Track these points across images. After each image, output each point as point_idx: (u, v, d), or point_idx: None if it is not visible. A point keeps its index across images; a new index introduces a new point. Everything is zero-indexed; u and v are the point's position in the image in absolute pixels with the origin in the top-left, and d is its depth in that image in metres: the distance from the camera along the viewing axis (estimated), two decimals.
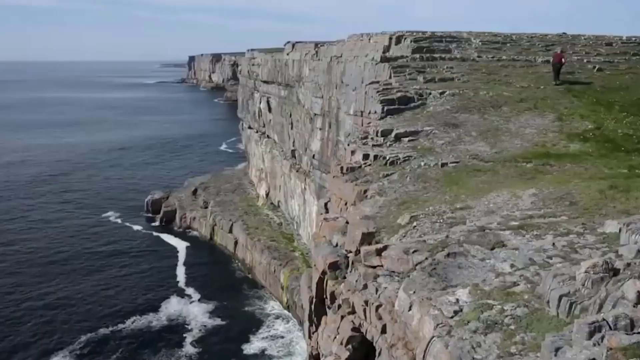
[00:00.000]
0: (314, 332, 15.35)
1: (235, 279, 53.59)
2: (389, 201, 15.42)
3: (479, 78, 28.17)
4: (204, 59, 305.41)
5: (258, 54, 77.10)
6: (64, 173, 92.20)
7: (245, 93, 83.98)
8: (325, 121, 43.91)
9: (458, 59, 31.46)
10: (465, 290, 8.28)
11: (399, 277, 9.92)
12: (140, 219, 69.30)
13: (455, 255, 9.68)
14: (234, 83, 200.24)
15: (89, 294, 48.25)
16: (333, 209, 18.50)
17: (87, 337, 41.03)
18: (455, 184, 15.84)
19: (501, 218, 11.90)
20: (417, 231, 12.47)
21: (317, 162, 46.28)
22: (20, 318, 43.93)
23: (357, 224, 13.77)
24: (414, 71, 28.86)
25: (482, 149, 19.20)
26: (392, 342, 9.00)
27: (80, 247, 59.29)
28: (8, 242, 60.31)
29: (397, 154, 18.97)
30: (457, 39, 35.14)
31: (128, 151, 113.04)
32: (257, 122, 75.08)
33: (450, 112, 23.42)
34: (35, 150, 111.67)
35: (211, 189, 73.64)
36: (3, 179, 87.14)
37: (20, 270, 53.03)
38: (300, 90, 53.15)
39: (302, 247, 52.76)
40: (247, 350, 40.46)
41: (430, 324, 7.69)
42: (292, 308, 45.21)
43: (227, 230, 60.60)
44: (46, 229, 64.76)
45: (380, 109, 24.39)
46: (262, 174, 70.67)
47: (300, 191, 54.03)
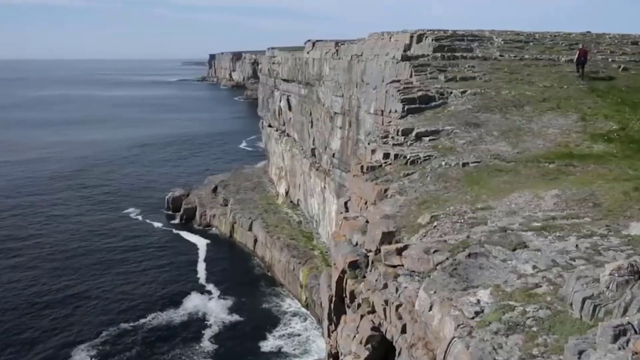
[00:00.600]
0: (333, 330, 15.36)
1: (255, 277, 53.88)
2: (410, 200, 15.35)
3: (500, 77, 27.90)
4: (224, 57, 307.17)
5: (278, 52, 77.29)
6: (84, 170, 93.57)
7: (265, 91, 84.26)
8: (346, 120, 43.89)
9: (480, 58, 31.19)
10: (486, 291, 8.22)
11: (420, 276, 9.88)
12: (161, 216, 70.00)
13: (477, 256, 9.61)
14: (254, 81, 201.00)
15: (109, 289, 48.96)
16: (353, 208, 18.48)
17: (109, 331, 41.67)
18: (476, 184, 15.71)
19: (523, 219, 11.79)
20: (438, 231, 12.40)
21: (337, 160, 46.28)
22: (41, 311, 44.79)
23: (377, 223, 13.74)
24: (435, 70, 28.69)
25: (503, 148, 19.02)
26: (412, 342, 8.98)
27: (101, 243, 60.14)
28: (29, 236, 61.58)
29: (417, 153, 18.87)
30: (478, 37, 34.86)
31: (149, 148, 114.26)
32: (277, 121, 75.29)
33: (471, 111, 23.22)
34: (57, 147, 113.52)
35: (231, 187, 74.09)
36: (25, 175, 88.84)
37: (41, 264, 54.09)
38: (320, 89, 53.17)
39: (322, 246, 52.83)
40: (264, 348, 40.68)
41: (451, 325, 7.66)
42: (310, 306, 45.31)
43: (246, 228, 60.92)
44: (66, 224, 65.86)
45: (401, 107, 24.29)
46: (282, 172, 70.87)
47: (319, 190, 54.09)
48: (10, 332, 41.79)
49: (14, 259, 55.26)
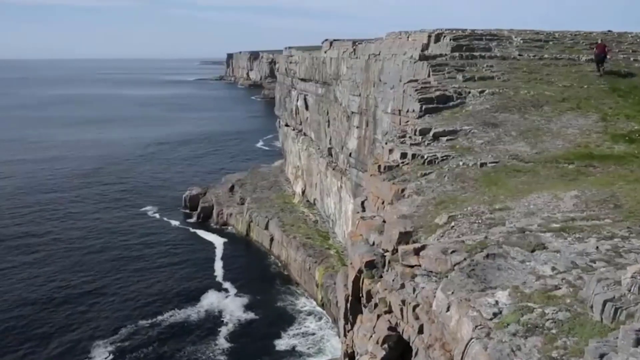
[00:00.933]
0: (349, 330, 15.36)
1: (270, 275, 54.07)
2: (427, 201, 15.29)
3: (519, 77, 27.63)
4: (242, 57, 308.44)
5: (296, 51, 77.40)
6: (103, 168, 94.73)
7: (282, 91, 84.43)
8: (363, 119, 43.82)
9: (498, 58, 30.92)
10: (504, 292, 8.16)
11: (437, 277, 9.84)
12: (178, 214, 70.52)
13: (495, 257, 9.55)
14: (271, 81, 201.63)
15: (126, 285, 49.52)
16: (370, 207, 18.45)
17: (127, 328, 42.13)
18: (494, 185, 15.60)
19: (542, 220, 11.68)
20: (455, 231, 12.34)
21: (354, 160, 46.23)
22: (59, 307, 45.48)
23: (394, 223, 13.70)
24: (453, 70, 28.49)
25: (522, 149, 18.85)
26: (429, 342, 8.95)
27: (118, 240, 60.83)
28: (47, 233, 62.72)
29: (435, 153, 18.78)
30: (497, 37, 34.55)
31: (166, 147, 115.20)
32: (294, 120, 75.41)
33: (489, 111, 23.05)
34: (76, 145, 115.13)
35: (248, 186, 74.38)
36: (44, 173, 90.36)
37: (59, 260, 54.99)
38: (337, 88, 53.14)
39: (338, 245, 52.82)
40: (279, 346, 40.82)
41: (469, 326, 7.61)
42: (326, 306, 45.32)
43: (263, 226, 61.12)
44: (85, 221, 66.82)
45: (419, 107, 24.19)
46: (299, 171, 70.97)
47: (336, 189, 54.07)
48: (29, 326, 42.46)
49: (33, 255, 56.18)
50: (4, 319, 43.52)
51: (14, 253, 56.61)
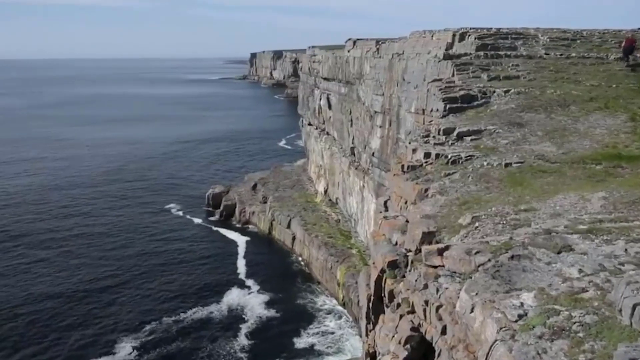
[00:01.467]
0: (371, 330, 15.31)
1: (292, 273, 54.21)
2: (450, 201, 15.17)
3: (545, 76, 27.25)
4: (265, 56, 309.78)
5: (319, 51, 77.45)
6: (128, 165, 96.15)
7: (305, 90, 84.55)
8: (386, 119, 43.64)
9: (524, 57, 30.52)
10: (530, 294, 8.05)
11: (461, 278, 9.75)
12: (201, 212, 71.11)
13: (520, 258, 9.42)
14: (294, 80, 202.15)
15: (150, 282, 50.13)
16: (393, 207, 18.38)
17: (151, 324, 42.62)
18: (519, 185, 15.41)
19: (568, 221, 11.49)
20: (479, 232, 12.22)
21: (377, 159, 46.08)
22: (83, 300, 46.43)
23: (417, 223, 13.63)
24: (477, 69, 28.22)
25: (548, 149, 18.59)
26: (452, 343, 8.87)
27: (142, 236, 61.61)
28: (72, 227, 64.14)
29: (459, 153, 18.63)
30: (523, 35, 34.10)
31: (190, 145, 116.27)
32: (317, 119, 75.47)
33: (515, 111, 22.78)
34: (102, 143, 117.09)
35: (270, 185, 74.65)
36: (70, 170, 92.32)
37: (83, 255, 56.16)
38: (360, 88, 53.03)
39: (360, 245, 52.73)
40: (298, 345, 40.91)
41: (493, 327, 7.53)
42: (347, 305, 45.28)
43: (285, 225, 61.29)
44: (109, 217, 68.07)
45: (443, 107, 24.01)
46: (321, 170, 71.01)
47: (358, 188, 53.98)
48: (54, 319, 43.31)
49: (58, 250, 57.41)
50: (29, 311, 44.48)
51: (39, 247, 57.85)
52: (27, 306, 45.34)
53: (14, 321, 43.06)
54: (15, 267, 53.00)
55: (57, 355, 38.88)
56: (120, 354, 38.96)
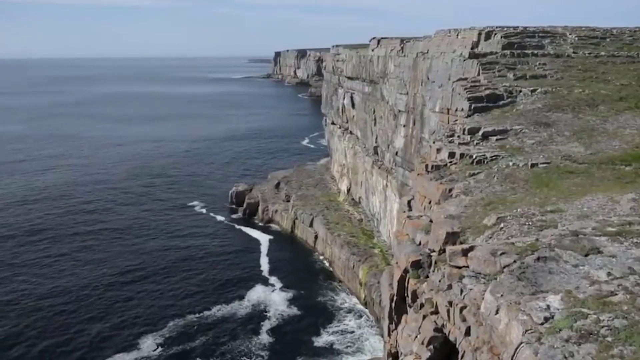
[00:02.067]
0: (394, 330, 15.25)
1: (314, 272, 54.26)
2: (475, 201, 15.04)
3: (573, 75, 26.86)
4: (289, 55, 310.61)
5: (343, 49, 77.31)
6: (152, 163, 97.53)
7: (329, 89, 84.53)
8: (410, 118, 43.41)
9: (551, 55, 30.11)
10: (556, 296, 7.93)
11: (485, 279, 9.65)
12: (224, 209, 71.60)
13: (546, 260, 9.29)
14: (318, 79, 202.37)
15: (173, 277, 50.71)
16: (416, 207, 18.28)
17: (174, 321, 43.02)
18: (545, 186, 15.21)
19: (596, 223, 11.30)
20: (504, 233, 12.09)
21: (400, 159, 45.86)
22: (107, 295, 47.22)
23: (441, 223, 13.54)
24: (503, 68, 27.95)
25: (575, 149, 18.31)
26: (476, 345, 8.79)
27: (166, 233, 62.33)
28: (97, 222, 65.52)
29: (484, 152, 18.47)
30: (550, 34, 33.64)
31: (214, 143, 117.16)
32: (341, 118, 75.41)
33: (541, 110, 22.50)
34: (128, 141, 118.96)
35: (293, 183, 74.80)
36: (97, 167, 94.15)
37: (107, 250, 57.26)
38: (384, 87, 52.82)
39: (382, 244, 52.55)
40: (318, 343, 40.96)
41: (519, 329, 7.43)
42: (369, 305, 45.17)
43: (307, 224, 61.37)
44: (133, 213, 69.28)
45: (468, 106, 23.83)
46: (344, 169, 70.94)
47: (381, 188, 53.79)
48: (77, 312, 44.08)
49: (83, 244, 58.58)
50: (53, 303, 45.42)
51: (64, 242, 59.13)
52: (51, 298, 46.31)
53: (38, 313, 44.02)
54: (40, 260, 54.23)
55: (80, 347, 39.60)
56: (143, 348, 39.43)
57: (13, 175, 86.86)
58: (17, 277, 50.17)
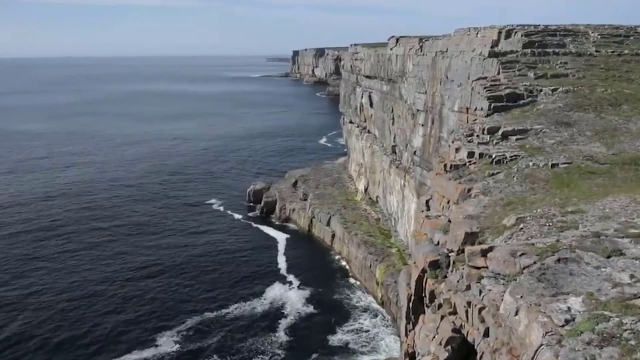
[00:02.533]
0: (411, 330, 15.18)
1: (331, 271, 54.25)
2: (494, 201, 14.91)
3: (596, 74, 26.48)
4: (307, 54, 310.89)
5: (361, 48, 77.13)
6: (170, 160, 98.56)
7: (347, 88, 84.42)
8: (428, 117, 43.17)
9: (573, 54, 29.72)
10: (578, 298, 7.82)
11: (505, 280, 9.55)
12: (242, 208, 71.88)
13: (567, 261, 9.17)
14: (336, 78, 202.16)
15: (191, 275, 51.05)
16: (435, 206, 18.17)
17: (192, 319, 43.26)
18: (566, 186, 15.02)
19: (619, 224, 11.13)
20: (524, 233, 11.96)
21: (418, 158, 45.65)
22: (125, 290, 47.85)
23: (460, 223, 13.43)
24: (524, 67, 27.65)
25: (597, 150, 18.05)
26: (495, 346, 8.71)
27: (183, 230, 62.89)
28: (115, 218, 66.39)
29: (503, 152, 18.29)
30: (572, 32, 33.19)
31: (231, 142, 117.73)
32: (358, 117, 75.27)
33: (562, 110, 22.22)
34: (146, 139, 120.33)
35: (311, 182, 74.86)
36: (117, 164, 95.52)
37: (124, 245, 58.21)
38: (403, 86, 52.60)
39: (399, 244, 52.37)
40: (333, 342, 40.96)
41: (539, 331, 7.34)
42: (386, 304, 45.04)
43: (325, 223, 61.36)
44: (151, 209, 70.20)
45: (487, 105, 23.63)
46: (362, 168, 70.81)
47: (399, 187, 53.60)
48: (95, 307, 44.71)
49: (102, 239, 59.47)
50: (72, 297, 46.21)
51: (83, 237, 60.18)
52: (69, 292, 47.10)
53: (56, 306, 44.81)
54: (59, 255, 55.23)
55: (96, 341, 40.18)
56: (160, 345, 39.75)
57: (34, 172, 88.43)
58: (37, 271, 51.20)
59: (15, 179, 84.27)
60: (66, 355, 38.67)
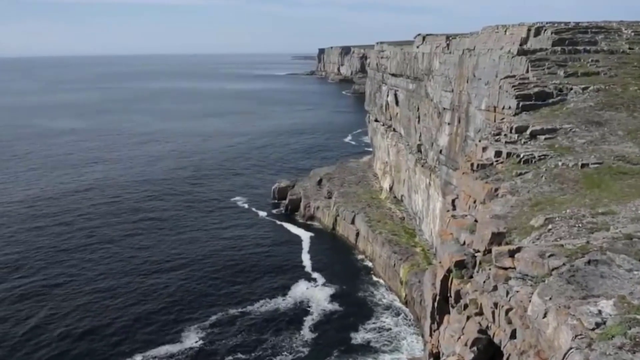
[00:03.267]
0: (435, 330, 15.07)
1: (355, 269, 54.15)
2: (522, 201, 14.69)
3: (629, 72, 25.89)
4: (333, 52, 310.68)
5: (387, 46, 76.75)
6: (196, 158, 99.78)
7: (372, 86, 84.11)
8: (455, 116, 42.76)
9: (605, 52, 29.11)
10: (609, 301, 7.65)
11: (533, 281, 9.40)
12: (266, 205, 72.19)
13: (597, 263, 8.98)
14: (361, 76, 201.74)
15: (216, 271, 51.43)
16: (461, 206, 17.99)
17: (217, 315, 43.57)
18: (596, 187, 14.73)
19: None
20: (553, 234, 11.76)
21: (444, 157, 45.25)
22: (150, 287, 48.40)
23: (487, 223, 13.27)
24: (553, 65, 27.18)
25: (629, 150, 17.65)
26: (522, 348, 8.57)
27: (208, 227, 63.48)
28: (142, 214, 67.50)
29: (532, 152, 18.02)
30: (604, 29, 32.52)
31: (257, 139, 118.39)
32: (384, 115, 74.93)
33: (593, 109, 21.79)
34: (171, 137, 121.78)
35: (335, 180, 74.80)
36: (143, 160, 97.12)
37: (150, 240, 59.10)
38: (429, 84, 52.20)
39: (424, 243, 52.02)
40: (354, 340, 40.88)
41: (568, 334, 7.20)
42: (410, 304, 44.79)
43: (349, 221, 61.26)
44: (176, 205, 71.24)
45: (515, 104, 23.30)
46: (387, 167, 70.50)
47: (424, 186, 53.22)
48: (121, 300, 45.44)
49: (128, 233, 60.66)
50: (97, 289, 47.16)
51: (111, 230, 61.61)
52: (95, 284, 48.29)
53: (82, 297, 45.87)
54: (86, 247, 56.65)
55: (120, 333, 40.88)
56: (185, 339, 40.13)
57: (62, 168, 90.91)
58: (63, 263, 52.74)
59: (44, 174, 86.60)
60: (90, 344, 39.51)
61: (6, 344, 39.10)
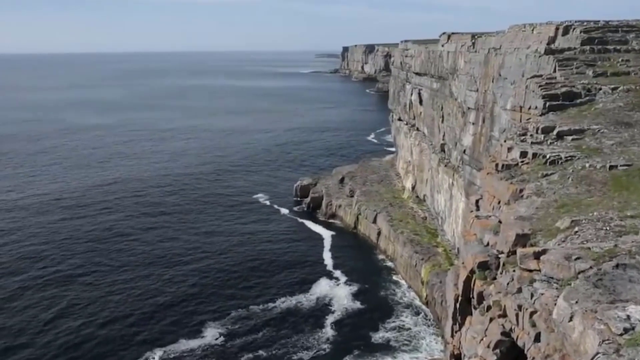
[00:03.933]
0: (457, 331, 14.93)
1: (377, 268, 53.99)
2: (547, 203, 14.47)
3: None
4: (357, 50, 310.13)
5: (411, 45, 76.31)
6: (219, 154, 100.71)
7: (396, 84, 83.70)
8: (479, 115, 42.32)
9: (636, 51, 28.51)
10: (638, 306, 7.48)
11: (559, 284, 9.24)
12: (288, 203, 72.38)
13: (626, 267, 8.80)
14: (385, 74, 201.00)
15: (237, 268, 51.69)
16: (484, 207, 17.78)
17: (237, 312, 43.77)
18: (625, 189, 14.43)
19: None
20: (579, 237, 11.55)
21: (468, 157, 44.82)
22: (172, 278, 49.04)
23: (511, 225, 13.09)
24: (582, 64, 26.70)
25: None
26: (546, 352, 8.43)
27: (231, 224, 63.82)
28: (165, 209, 68.53)
29: (558, 153, 17.73)
30: (636, 28, 31.83)
31: (280, 137, 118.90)
32: (407, 114, 74.51)
33: (623, 109, 21.35)
34: (195, 133, 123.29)
35: (358, 179, 74.65)
36: (168, 157, 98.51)
37: (175, 235, 59.74)
38: (453, 83, 51.73)
39: (446, 243, 51.63)
40: (375, 339, 40.77)
41: (595, 339, 7.06)
42: (431, 304, 44.50)
43: (371, 220, 61.09)
44: (199, 202, 71.89)
45: (542, 104, 22.95)
46: (410, 166, 70.12)
47: (447, 186, 52.81)
48: (143, 295, 45.94)
49: (152, 227, 61.65)
50: (118, 280, 47.93)
51: (133, 222, 62.93)
52: (116, 275, 49.17)
53: (103, 288, 46.76)
54: (109, 239, 57.78)
55: (140, 324, 41.52)
56: (206, 337, 40.33)
57: (91, 162, 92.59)
58: (86, 254, 53.90)
59: (70, 168, 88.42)
60: (110, 333, 40.20)
61: (30, 331, 40.21)
